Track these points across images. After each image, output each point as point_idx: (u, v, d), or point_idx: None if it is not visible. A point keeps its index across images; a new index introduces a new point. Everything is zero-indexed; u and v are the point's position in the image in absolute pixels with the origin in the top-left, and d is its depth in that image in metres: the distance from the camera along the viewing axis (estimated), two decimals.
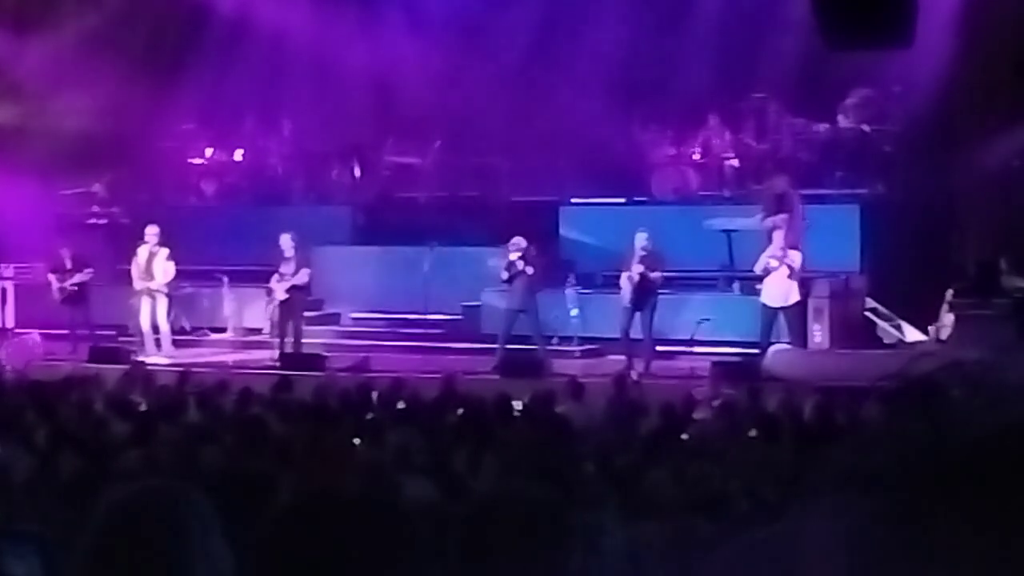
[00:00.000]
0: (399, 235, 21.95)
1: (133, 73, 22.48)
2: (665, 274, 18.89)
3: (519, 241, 19.17)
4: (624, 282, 18.86)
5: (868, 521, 1.02)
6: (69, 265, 21.21)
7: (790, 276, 18.40)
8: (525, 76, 22.13)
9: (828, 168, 21.13)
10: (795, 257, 18.51)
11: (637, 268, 18.72)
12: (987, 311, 17.99)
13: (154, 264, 20.76)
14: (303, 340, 20.00)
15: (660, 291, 18.87)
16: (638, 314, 18.74)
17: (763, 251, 18.80)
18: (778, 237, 18.64)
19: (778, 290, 18.45)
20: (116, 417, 11.21)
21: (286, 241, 20.03)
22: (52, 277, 21.23)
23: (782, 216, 19.27)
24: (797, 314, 18.56)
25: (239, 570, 2.82)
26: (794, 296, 18.45)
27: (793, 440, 10.07)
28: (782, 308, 18.46)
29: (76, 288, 21.10)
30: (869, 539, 1.02)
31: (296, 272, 19.94)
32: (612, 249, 19.74)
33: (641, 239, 18.87)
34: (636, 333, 18.79)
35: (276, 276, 20.08)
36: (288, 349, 19.79)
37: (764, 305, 18.55)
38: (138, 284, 20.73)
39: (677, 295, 19.39)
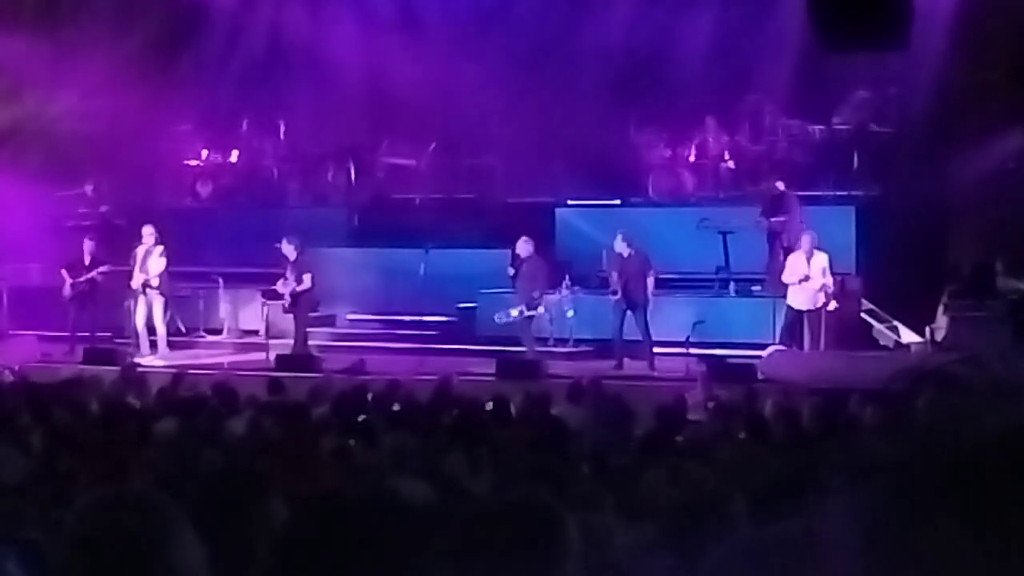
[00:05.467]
0: (394, 237, 21.94)
1: (129, 75, 22.45)
2: (659, 275, 18.87)
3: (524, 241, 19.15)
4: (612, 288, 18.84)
5: (884, 515, 1.02)
6: (88, 262, 21.09)
7: (822, 289, 18.36)
8: (521, 78, 22.10)
9: (824, 170, 21.14)
10: (823, 259, 18.41)
11: (617, 282, 18.62)
12: (982, 313, 18.02)
13: (149, 262, 20.71)
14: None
15: (655, 292, 18.84)
16: (632, 316, 18.71)
17: (759, 253, 18.77)
18: (806, 241, 18.53)
19: (807, 294, 18.41)
20: (111, 419, 11.17)
21: (288, 247, 19.93)
22: (65, 273, 21.11)
23: (781, 219, 19.31)
24: (796, 316, 18.56)
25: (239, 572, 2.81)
26: (821, 300, 18.42)
27: (788, 442, 10.06)
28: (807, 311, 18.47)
29: (87, 285, 20.95)
30: (884, 533, 1.02)
31: (299, 278, 19.85)
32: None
33: (620, 245, 18.81)
34: (631, 335, 18.76)
35: (281, 281, 19.96)
36: (297, 350, 19.69)
37: (789, 307, 18.53)
38: (135, 283, 20.64)
39: (672, 297, 19.38)
